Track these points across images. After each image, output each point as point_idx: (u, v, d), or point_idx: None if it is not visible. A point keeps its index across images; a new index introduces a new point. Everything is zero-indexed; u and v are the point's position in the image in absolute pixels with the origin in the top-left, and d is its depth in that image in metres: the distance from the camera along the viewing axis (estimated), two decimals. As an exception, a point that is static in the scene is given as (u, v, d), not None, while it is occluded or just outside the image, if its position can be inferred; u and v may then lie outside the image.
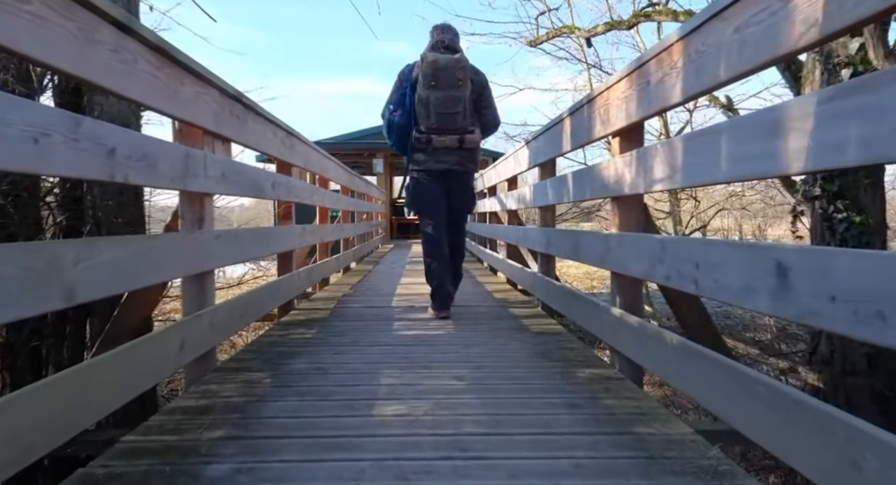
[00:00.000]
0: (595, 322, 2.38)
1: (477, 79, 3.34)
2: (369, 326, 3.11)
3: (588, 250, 2.51)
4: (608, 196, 2.29)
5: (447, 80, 3.19)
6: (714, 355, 1.42)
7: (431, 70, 3.17)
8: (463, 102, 3.23)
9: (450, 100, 3.19)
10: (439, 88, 3.19)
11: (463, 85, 3.21)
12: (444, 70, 3.18)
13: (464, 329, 3.04)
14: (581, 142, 2.66)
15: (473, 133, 3.33)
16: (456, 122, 3.24)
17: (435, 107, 3.21)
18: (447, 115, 3.22)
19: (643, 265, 1.87)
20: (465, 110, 3.25)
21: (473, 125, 3.34)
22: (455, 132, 3.27)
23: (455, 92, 3.20)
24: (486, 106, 3.40)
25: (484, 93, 3.39)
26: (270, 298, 2.99)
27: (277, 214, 3.58)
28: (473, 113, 3.34)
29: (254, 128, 2.68)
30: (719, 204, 12.30)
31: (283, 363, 2.31)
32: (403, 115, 3.31)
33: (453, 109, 3.21)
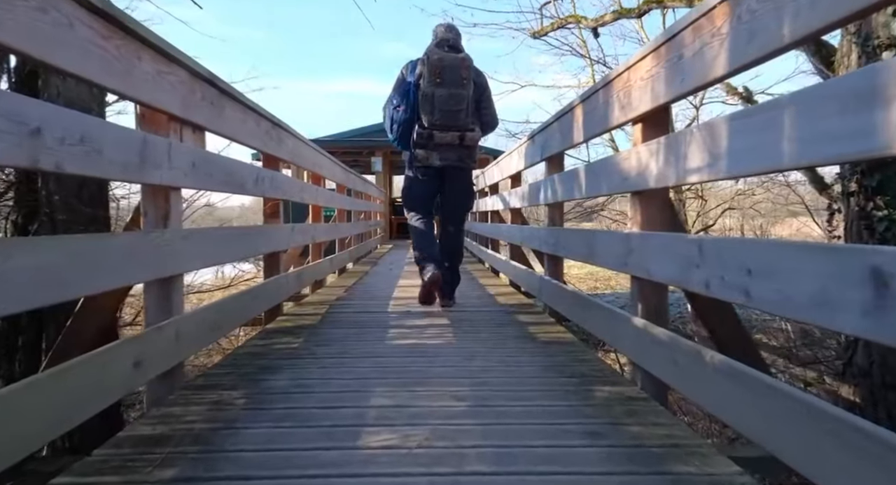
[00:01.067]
0: (613, 333, 2.12)
1: (479, 79, 3.44)
2: (362, 335, 2.85)
3: (605, 252, 2.25)
4: (628, 191, 2.03)
5: (452, 78, 3.26)
6: (778, 385, 1.16)
7: (438, 67, 3.24)
8: (466, 100, 3.31)
9: (454, 97, 3.27)
10: (444, 86, 3.25)
11: (467, 83, 3.30)
12: (449, 68, 3.26)
13: (465, 338, 2.77)
14: (595, 131, 2.41)
15: (474, 131, 3.41)
16: (459, 119, 3.32)
17: (439, 104, 3.27)
18: (451, 113, 3.29)
19: (673, 269, 1.61)
20: (468, 108, 3.33)
21: (474, 124, 3.42)
22: (457, 129, 3.34)
23: (459, 90, 3.28)
24: (485, 106, 3.51)
25: (485, 93, 3.49)
26: (253, 304, 2.72)
27: (263, 212, 3.32)
28: (474, 112, 3.42)
29: (232, 116, 2.42)
30: (726, 203, 12.02)
31: (261, 379, 2.04)
32: (407, 110, 3.35)
33: (457, 107, 3.29)
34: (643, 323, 1.85)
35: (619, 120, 2.08)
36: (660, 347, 1.70)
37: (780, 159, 1.12)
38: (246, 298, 2.60)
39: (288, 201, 3.91)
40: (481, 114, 3.50)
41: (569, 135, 2.75)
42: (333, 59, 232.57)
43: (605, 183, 2.25)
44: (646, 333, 1.82)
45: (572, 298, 2.70)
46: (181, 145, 1.92)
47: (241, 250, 2.59)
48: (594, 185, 2.40)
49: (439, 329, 2.99)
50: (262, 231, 3.08)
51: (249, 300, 2.63)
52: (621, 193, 2.28)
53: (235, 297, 2.53)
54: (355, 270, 6.61)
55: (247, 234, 2.73)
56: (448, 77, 3.26)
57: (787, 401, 1.11)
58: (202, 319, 2.06)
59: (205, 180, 2.11)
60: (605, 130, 2.30)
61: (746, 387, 1.26)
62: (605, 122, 2.22)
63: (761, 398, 1.20)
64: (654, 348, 1.75)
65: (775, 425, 1.14)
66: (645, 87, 1.83)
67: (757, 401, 1.21)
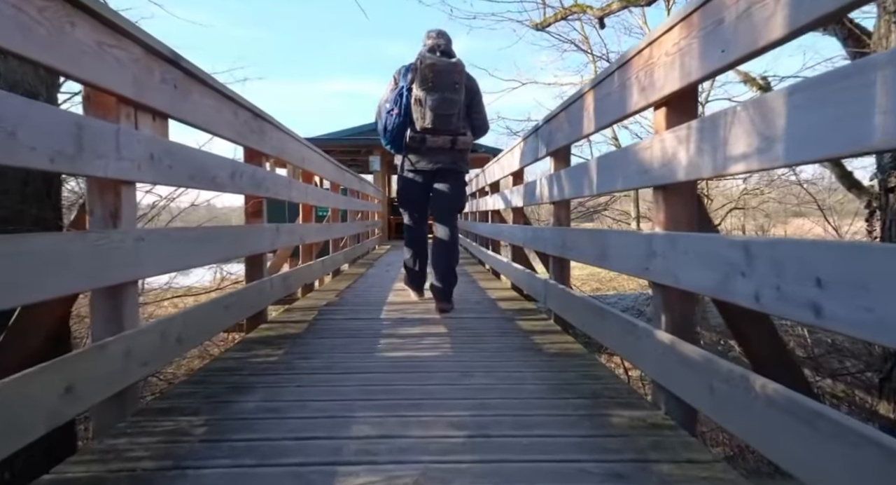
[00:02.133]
0: (632, 348, 1.86)
1: (470, 84, 3.47)
2: (350, 346, 2.59)
3: (620, 255, 1.98)
4: (649, 185, 1.77)
5: (444, 83, 3.29)
6: (859, 427, 0.90)
7: (430, 72, 3.27)
8: (458, 105, 3.35)
9: (446, 102, 3.30)
10: (436, 90, 3.28)
11: (459, 88, 3.33)
12: (441, 73, 3.28)
13: (463, 349, 2.51)
14: (608, 120, 2.15)
15: (466, 135, 3.48)
16: (451, 123, 3.36)
17: (431, 108, 3.30)
18: (443, 117, 3.32)
19: (709, 277, 1.35)
20: (460, 113, 3.38)
21: (466, 128, 3.49)
22: (449, 133, 3.39)
23: (451, 94, 3.31)
24: (476, 110, 3.54)
25: (475, 98, 3.53)
26: (226, 313, 2.46)
27: (245, 210, 3.06)
28: (466, 116, 3.48)
29: (203, 103, 2.16)
30: (732, 203, 11.74)
31: (228, 401, 1.78)
32: (399, 114, 3.37)
33: (449, 111, 3.33)
34: (669, 339, 1.59)
35: (637, 105, 1.82)
36: (691, 368, 1.44)
37: (870, 137, 0.86)
38: (217, 307, 2.34)
39: (284, 202, 3.67)
40: (472, 118, 3.54)
41: (578, 125, 2.49)
42: (334, 60, 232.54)
43: (620, 177, 1.99)
44: (673, 350, 1.56)
45: (583, 306, 2.44)
46: (134, 133, 1.66)
47: (215, 253, 2.33)
48: (607, 179, 2.14)
49: (435, 339, 2.73)
50: (241, 232, 2.82)
51: (222, 309, 2.37)
52: (641, 188, 2.02)
53: (205, 306, 2.26)
54: (351, 272, 6.35)
55: (222, 234, 2.46)
56: (440, 82, 3.29)
57: (874, 449, 0.85)
58: (162, 333, 1.80)
59: (166, 174, 1.85)
60: (620, 118, 2.04)
61: (812, 427, 1.00)
62: (621, 108, 1.96)
63: (834, 443, 0.94)
64: (683, 370, 1.49)
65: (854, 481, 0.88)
66: (671, 64, 1.57)
67: (828, 446, 0.95)
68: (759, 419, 1.15)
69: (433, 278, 3.48)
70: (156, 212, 4.15)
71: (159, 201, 4.23)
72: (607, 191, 2.12)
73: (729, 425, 1.28)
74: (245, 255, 2.89)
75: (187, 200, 4.95)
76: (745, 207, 12.40)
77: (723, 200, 11.86)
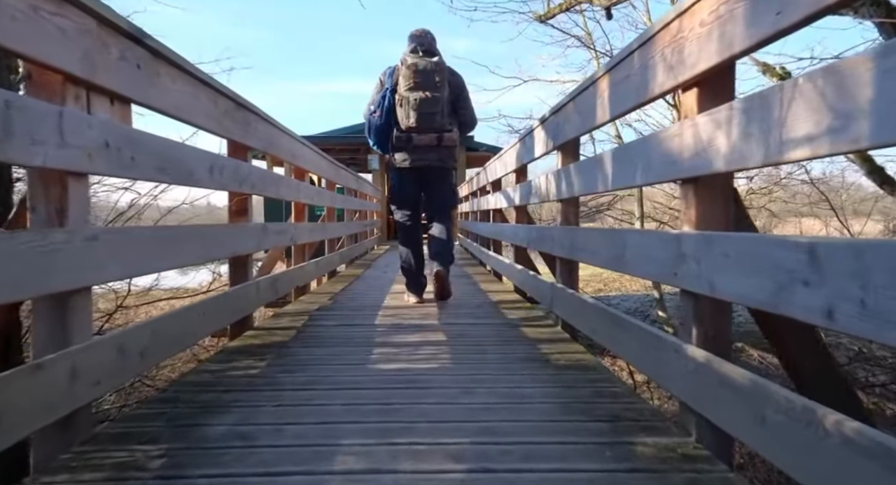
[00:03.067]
0: (656, 364, 1.63)
1: (454, 80, 3.52)
2: (340, 356, 2.37)
3: (642, 258, 1.76)
4: (676, 178, 1.55)
5: (426, 82, 3.34)
6: None
7: (412, 72, 3.33)
8: (441, 103, 3.39)
9: (429, 100, 3.35)
10: (419, 89, 3.34)
11: (441, 86, 3.38)
12: (423, 72, 3.34)
13: (464, 360, 2.29)
14: (626, 106, 1.92)
15: (451, 132, 3.52)
16: (434, 121, 3.40)
17: (415, 107, 3.35)
18: (427, 115, 3.37)
19: (759, 285, 1.13)
20: (443, 110, 3.42)
21: (451, 124, 3.53)
22: (434, 131, 3.45)
23: (434, 93, 3.35)
24: (463, 106, 3.60)
25: (461, 94, 3.57)
26: (207, 320, 2.24)
27: (228, 208, 2.84)
28: (451, 113, 3.53)
29: (174, 88, 1.94)
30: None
31: (195, 425, 1.56)
32: (383, 115, 3.44)
33: (432, 109, 3.37)
34: (704, 356, 1.37)
35: (663, 86, 1.60)
36: (734, 393, 1.22)
37: None
38: (192, 314, 2.11)
39: (281, 202, 3.47)
40: (459, 114, 3.61)
41: (589, 115, 2.27)
42: (336, 61, 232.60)
43: (641, 170, 1.77)
44: (708, 370, 1.33)
45: (595, 314, 2.21)
46: (84, 117, 1.44)
47: (190, 254, 2.11)
48: (625, 173, 1.91)
49: (434, 348, 2.51)
50: (223, 231, 2.59)
51: (198, 317, 2.14)
52: (667, 181, 1.80)
53: (177, 313, 2.03)
54: (347, 273, 6.13)
55: (198, 234, 2.24)
56: (422, 81, 3.34)
57: None
58: (120, 347, 1.57)
59: (128, 166, 1.63)
60: (640, 104, 1.81)
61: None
62: (642, 92, 1.74)
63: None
64: (722, 394, 1.27)
65: None
66: (707, 37, 1.34)
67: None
68: (832, 464, 0.93)
69: (433, 274, 3.66)
70: (136, 212, 3.92)
71: (138, 199, 3.99)
72: (625, 186, 1.90)
73: (786, 465, 1.06)
74: (227, 256, 2.67)
75: (179, 198, 4.72)
76: (751, 207, 12.16)
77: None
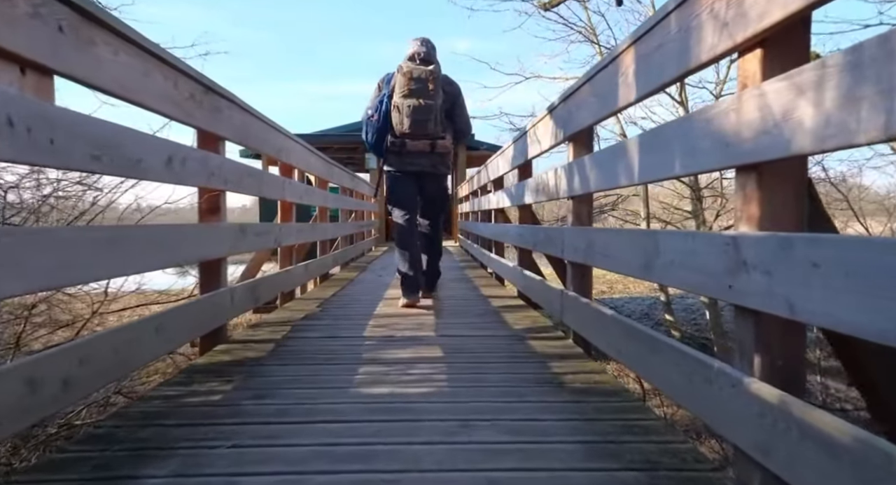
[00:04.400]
0: (705, 401, 1.30)
1: (450, 89, 3.60)
2: (320, 376, 2.05)
3: (682, 265, 1.43)
4: (732, 165, 1.23)
5: (420, 90, 3.38)
6: None
7: (406, 80, 3.37)
8: (434, 111, 3.42)
9: (422, 108, 3.39)
10: (413, 97, 3.38)
11: (435, 94, 3.40)
12: (418, 80, 3.37)
13: (464, 381, 1.97)
14: (661, 81, 1.59)
15: (444, 139, 3.60)
16: (427, 128, 3.44)
17: (409, 114, 3.40)
18: (420, 122, 3.41)
19: (874, 307, 0.80)
20: (437, 118, 3.45)
21: (445, 132, 3.60)
22: (427, 137, 3.53)
23: (427, 100, 3.39)
24: (458, 114, 3.68)
25: (456, 101, 3.66)
26: (164, 336, 1.91)
27: (199, 206, 2.52)
28: (445, 120, 3.59)
29: (114, 60, 1.62)
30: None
31: (124, 477, 1.24)
32: (379, 120, 3.51)
33: (425, 117, 3.40)
34: (776, 396, 1.04)
35: (713, 51, 1.28)
36: (825, 451, 0.89)
37: None
38: (143, 331, 1.78)
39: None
40: (454, 121, 3.68)
41: (610, 96, 1.95)
42: (334, 62, 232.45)
43: (680, 157, 1.44)
44: (782, 414, 1.01)
45: (620, 330, 1.88)
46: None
47: (139, 260, 1.78)
48: (658, 162, 1.59)
49: (428, 367, 2.18)
50: (188, 232, 2.27)
51: (151, 333, 1.81)
52: (718, 168, 1.47)
53: (122, 330, 1.69)
54: (341, 276, 5.81)
55: (152, 236, 1.91)
56: (416, 88, 3.38)
57: None
58: (29, 380, 1.25)
59: (45, 151, 1.30)
60: (680, 76, 1.48)
61: None
62: (683, 60, 1.41)
63: None
64: (805, 450, 0.94)
65: None
66: (781, -23, 1.02)
67: None
68: None
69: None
70: (100, 211, 3.59)
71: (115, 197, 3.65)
72: (657, 178, 1.58)
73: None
74: (194, 261, 2.35)
75: (160, 197, 4.39)
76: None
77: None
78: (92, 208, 3.54)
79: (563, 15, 8.15)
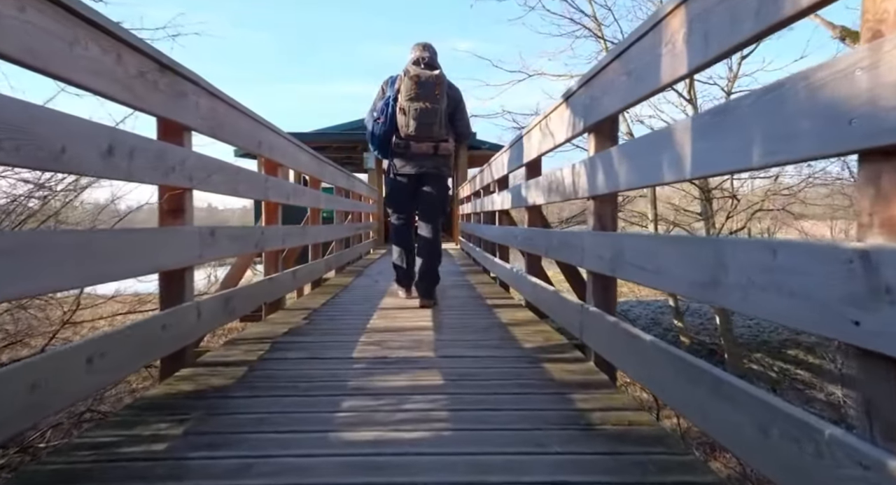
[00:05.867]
0: (802, 470, 0.94)
1: (452, 93, 3.71)
2: (294, 415, 1.68)
3: (764, 288, 1.06)
4: (854, 150, 0.86)
5: (427, 93, 3.49)
6: None
7: (414, 83, 3.47)
8: (439, 114, 3.55)
9: (428, 111, 3.50)
10: (419, 100, 3.49)
11: (440, 98, 3.53)
12: (424, 84, 3.48)
13: (470, 423, 1.60)
14: (739, 38, 1.21)
15: (447, 141, 3.71)
16: (433, 131, 3.56)
17: (415, 117, 3.51)
18: (425, 125, 3.53)
19: None
20: (441, 121, 3.58)
21: (448, 134, 3.71)
22: (431, 140, 3.63)
23: (433, 104, 3.51)
24: (459, 118, 3.81)
25: (458, 106, 3.79)
26: (99, 366, 1.54)
27: (159, 207, 2.16)
28: (448, 124, 3.70)
29: (19, 19, 1.26)
30: (757, 204, 10.80)
31: None
32: (385, 122, 3.61)
33: (430, 120, 3.52)
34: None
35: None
36: None
37: None
38: (70, 363, 1.41)
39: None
40: (455, 125, 3.80)
41: (649, 72, 1.59)
42: (334, 63, 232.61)
43: (761, 141, 1.08)
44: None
45: (665, 362, 1.50)
46: None
47: (58, 274, 1.42)
48: (723, 151, 1.22)
49: (426, 401, 1.81)
50: (140, 237, 1.91)
51: (80, 365, 1.44)
52: (831, 155, 1.10)
53: (34, 365, 1.33)
54: (335, 281, 5.45)
55: (80, 244, 1.54)
56: (423, 92, 3.48)
57: None
58: None
59: None
60: (771, 28, 1.11)
61: None
62: (776, 9, 1.05)
63: None
64: None
65: None
66: None
67: None
68: None
69: (416, 276, 3.74)
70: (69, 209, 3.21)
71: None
72: (721, 171, 1.21)
73: None
74: (149, 271, 1.98)
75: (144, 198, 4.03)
76: (769, 209, 11.48)
77: (745, 201, 10.91)
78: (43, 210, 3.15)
79: (568, 7, 7.79)
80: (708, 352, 10.26)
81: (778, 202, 10.95)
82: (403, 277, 3.96)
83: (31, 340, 3.59)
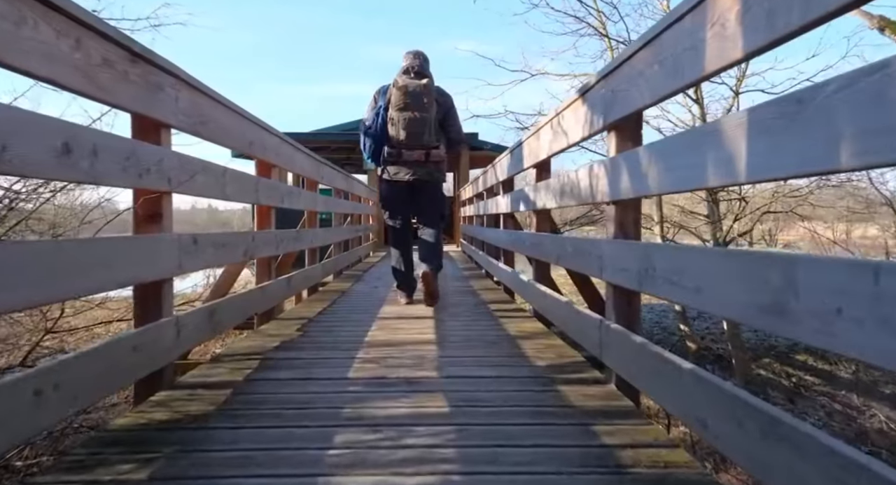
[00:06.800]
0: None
1: (443, 100, 3.78)
2: (279, 454, 1.47)
3: (864, 319, 0.85)
4: None
5: (415, 103, 3.58)
6: None
7: (402, 94, 3.57)
8: (429, 122, 3.64)
9: (417, 120, 3.60)
10: (408, 109, 3.58)
11: (429, 106, 3.62)
12: (412, 94, 3.57)
13: (479, 465, 1.39)
14: (807, 18, 1.01)
15: (438, 148, 3.79)
16: (422, 139, 3.66)
17: (405, 125, 3.61)
18: (415, 134, 3.63)
19: None
20: (431, 129, 3.67)
21: (439, 141, 3.79)
22: (422, 147, 3.71)
23: (422, 113, 3.60)
24: (450, 124, 3.88)
25: (449, 112, 3.85)
26: (52, 401, 1.33)
27: (134, 213, 1.95)
28: (439, 130, 3.78)
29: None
30: (766, 206, 10.57)
31: None
32: (377, 131, 3.69)
33: (420, 128, 3.62)
34: None
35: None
36: None
37: None
38: (15, 398, 1.20)
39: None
40: (447, 131, 3.86)
41: (691, 60, 1.38)
42: (332, 64, 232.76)
43: (853, 137, 0.86)
44: None
45: (704, 393, 1.29)
46: None
47: (24, 291, 1.21)
48: (803, 149, 1.00)
49: (429, 434, 1.60)
50: (108, 246, 1.69)
51: (27, 399, 1.23)
52: None
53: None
54: (332, 287, 5.24)
55: (34, 254, 1.33)
56: (412, 102, 3.56)
57: None
58: None
59: None
60: (851, 3, 0.91)
61: None
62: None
63: None
64: None
65: None
66: None
67: None
68: None
69: (420, 275, 3.80)
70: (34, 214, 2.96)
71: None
72: (801, 173, 0.99)
73: None
74: (121, 285, 1.77)
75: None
76: (777, 212, 11.24)
77: (753, 204, 10.68)
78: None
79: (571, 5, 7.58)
80: (715, 357, 10.04)
81: (786, 204, 10.72)
82: (404, 281, 3.97)
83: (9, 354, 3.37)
